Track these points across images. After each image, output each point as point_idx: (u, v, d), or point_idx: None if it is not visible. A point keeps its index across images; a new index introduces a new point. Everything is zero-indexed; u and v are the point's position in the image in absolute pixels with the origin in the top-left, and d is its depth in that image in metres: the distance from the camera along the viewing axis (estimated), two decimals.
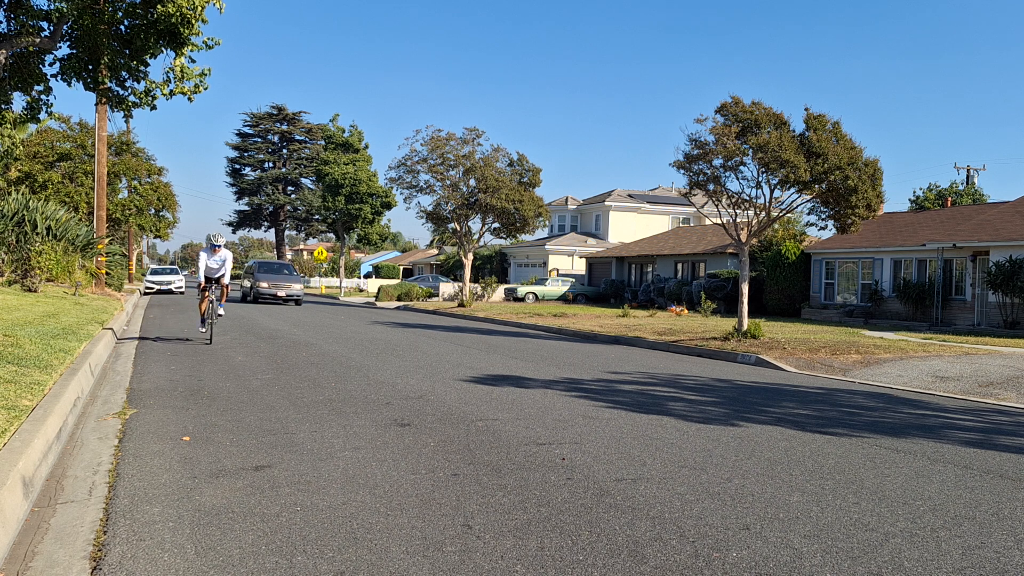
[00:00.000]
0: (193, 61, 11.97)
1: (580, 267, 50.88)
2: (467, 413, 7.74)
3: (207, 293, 14.00)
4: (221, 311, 14.30)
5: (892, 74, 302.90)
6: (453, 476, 5.33)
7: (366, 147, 50.61)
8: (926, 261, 27.08)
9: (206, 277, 14.17)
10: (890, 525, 4.57)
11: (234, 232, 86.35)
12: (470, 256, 33.67)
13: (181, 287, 42.06)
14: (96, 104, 15.87)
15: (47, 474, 5.11)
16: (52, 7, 11.17)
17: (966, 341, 18.42)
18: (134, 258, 57.24)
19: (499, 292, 43.43)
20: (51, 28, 11.83)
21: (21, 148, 27.52)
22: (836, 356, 14.28)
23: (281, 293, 31.54)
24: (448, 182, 31.66)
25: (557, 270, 51.08)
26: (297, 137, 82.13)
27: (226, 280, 14.30)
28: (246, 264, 37.92)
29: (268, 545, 3.94)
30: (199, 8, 11.00)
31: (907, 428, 7.85)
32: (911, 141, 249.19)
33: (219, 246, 14.06)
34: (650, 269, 41.59)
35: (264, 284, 31.54)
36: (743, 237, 18.01)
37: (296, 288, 31.84)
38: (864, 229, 29.58)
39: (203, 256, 14.20)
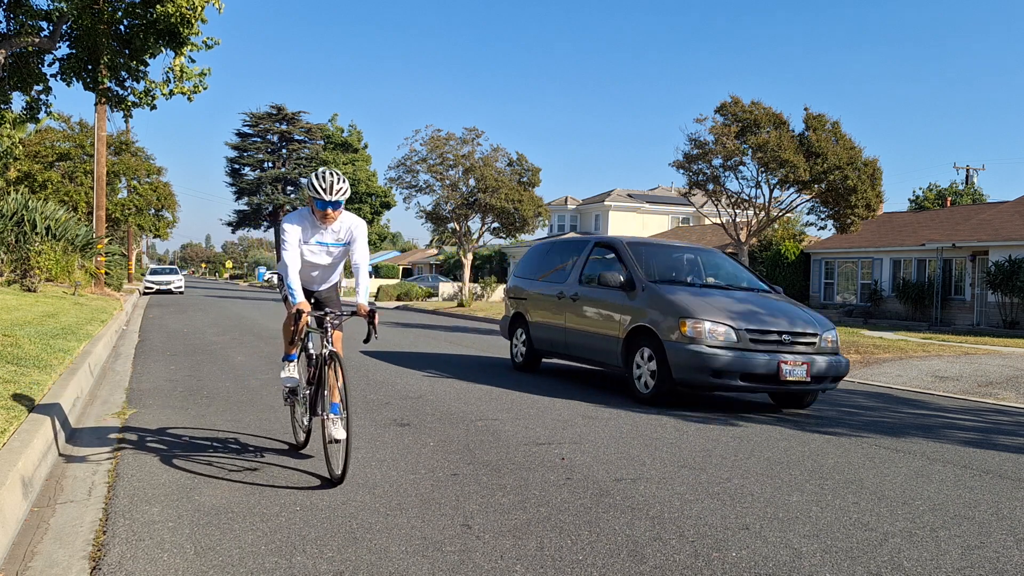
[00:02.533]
0: (192, 61, 11.96)
1: None
2: (466, 413, 7.74)
3: (301, 332, 5.24)
4: (339, 433, 4.97)
5: (892, 73, 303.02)
6: (452, 476, 5.33)
7: (365, 147, 50.65)
8: (926, 261, 27.08)
9: (305, 290, 5.67)
10: (889, 525, 4.57)
11: (233, 232, 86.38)
12: (469, 256, 33.69)
13: (181, 287, 42.13)
14: (95, 104, 15.85)
15: (46, 474, 5.11)
16: (52, 7, 11.16)
17: (965, 341, 18.42)
18: (133, 258, 57.25)
19: (499, 292, 43.40)
20: (50, 28, 11.82)
21: (21, 148, 27.54)
22: None
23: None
24: (448, 182, 31.69)
25: None
26: (296, 137, 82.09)
27: (362, 297, 5.49)
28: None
29: (267, 545, 3.94)
30: (199, 8, 11.00)
31: (906, 428, 7.86)
32: (911, 141, 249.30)
33: (338, 204, 5.30)
34: None
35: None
36: (743, 237, 18.01)
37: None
38: (864, 229, 29.59)
39: (293, 232, 5.45)
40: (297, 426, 5.96)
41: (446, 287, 44.41)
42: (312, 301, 5.69)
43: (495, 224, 32.57)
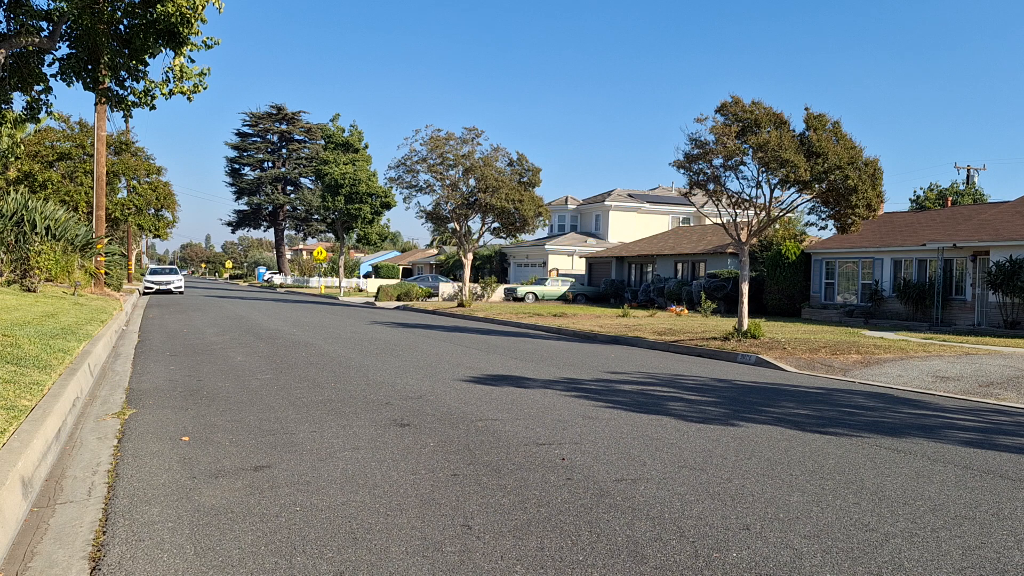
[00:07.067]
0: (192, 61, 11.95)
1: (580, 267, 50.85)
2: (467, 413, 7.73)
3: None
4: None
5: (892, 73, 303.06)
6: (453, 476, 5.32)
7: (366, 147, 50.58)
8: (926, 261, 27.05)
9: None
10: (890, 525, 4.57)
11: (233, 232, 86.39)
12: (470, 256, 33.66)
13: (180, 287, 42.14)
14: (95, 104, 15.83)
15: (46, 474, 5.11)
16: (52, 7, 11.16)
17: (966, 341, 18.41)
18: (133, 258, 57.23)
19: (499, 292, 43.38)
20: (50, 28, 11.82)
21: (21, 147, 27.50)
22: (836, 356, 14.26)
23: None
24: (448, 182, 31.65)
25: (557, 270, 51.05)
26: (296, 137, 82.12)
27: None
28: None
29: (268, 545, 3.94)
30: (199, 8, 10.98)
31: (907, 428, 7.85)
32: (911, 141, 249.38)
33: None
34: (650, 269, 41.56)
35: None
36: (743, 237, 17.99)
37: None
38: (864, 229, 29.55)
39: None
40: None
41: (446, 287, 44.37)
42: None
43: (495, 224, 32.51)
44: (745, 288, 17.88)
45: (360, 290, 58.44)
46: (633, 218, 55.32)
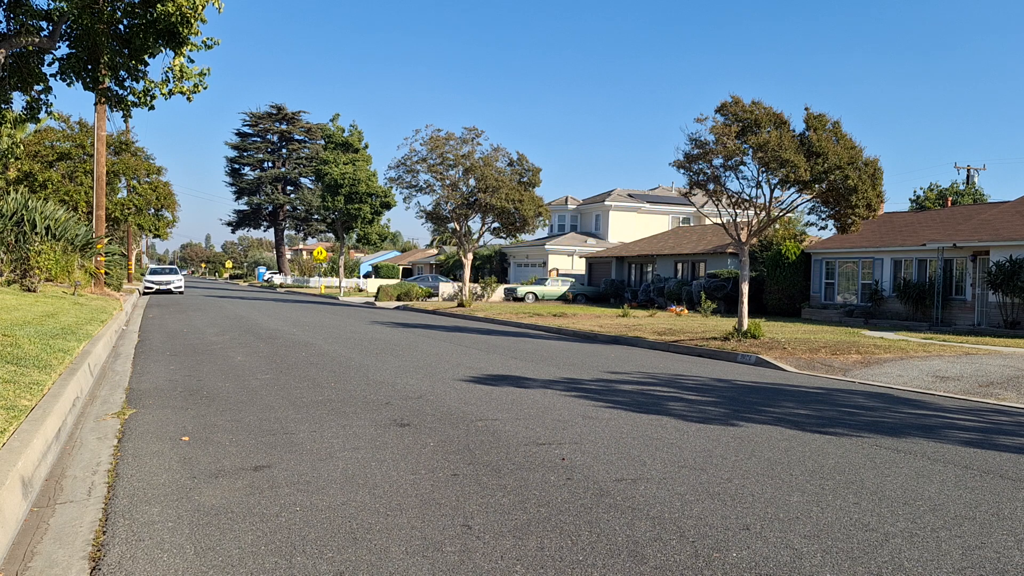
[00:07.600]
0: (192, 61, 11.95)
1: (580, 267, 50.85)
2: (467, 413, 7.73)
3: None
4: None
5: (892, 73, 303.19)
6: (453, 476, 5.32)
7: (366, 147, 50.57)
8: (926, 261, 27.05)
9: None
10: (890, 525, 4.57)
11: (233, 232, 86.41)
12: (470, 256, 33.65)
13: (180, 287, 42.16)
14: (95, 104, 15.82)
15: (46, 474, 5.11)
16: (52, 6, 11.16)
17: (966, 341, 18.41)
18: (133, 258, 57.23)
19: (499, 292, 43.37)
20: (50, 28, 11.82)
21: (21, 147, 27.51)
22: (836, 356, 14.26)
23: None
24: (448, 182, 31.64)
25: (557, 270, 51.04)
26: (296, 137, 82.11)
27: None
28: None
29: (268, 545, 3.94)
30: (199, 8, 10.98)
31: (907, 428, 7.85)
32: (911, 141, 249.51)
33: None
34: (650, 269, 41.56)
35: None
36: (743, 237, 17.99)
37: None
38: (864, 229, 29.55)
39: None
40: None
41: (446, 287, 44.37)
42: None
43: (495, 224, 32.49)
44: (745, 288, 17.88)
45: (360, 290, 58.42)
46: (633, 218, 55.33)
